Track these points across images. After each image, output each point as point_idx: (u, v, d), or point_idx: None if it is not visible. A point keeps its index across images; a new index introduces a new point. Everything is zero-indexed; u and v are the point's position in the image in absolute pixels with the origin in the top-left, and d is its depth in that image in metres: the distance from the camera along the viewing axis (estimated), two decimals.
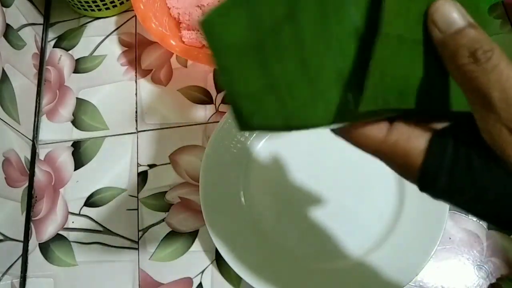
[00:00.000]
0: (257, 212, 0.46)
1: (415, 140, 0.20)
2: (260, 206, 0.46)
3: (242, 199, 0.46)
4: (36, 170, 0.52)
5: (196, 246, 0.47)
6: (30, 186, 0.50)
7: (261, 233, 0.45)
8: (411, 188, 0.42)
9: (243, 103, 0.19)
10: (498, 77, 0.17)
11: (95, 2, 0.56)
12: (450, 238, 0.44)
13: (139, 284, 0.46)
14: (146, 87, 0.55)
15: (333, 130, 0.22)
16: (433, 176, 0.19)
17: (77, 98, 0.55)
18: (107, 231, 0.48)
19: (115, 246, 0.48)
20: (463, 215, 0.45)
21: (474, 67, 0.17)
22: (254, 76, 0.18)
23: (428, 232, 0.42)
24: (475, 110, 0.18)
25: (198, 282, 0.45)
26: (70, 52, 0.58)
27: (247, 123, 0.19)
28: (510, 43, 0.52)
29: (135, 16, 0.58)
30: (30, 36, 0.55)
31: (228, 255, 0.42)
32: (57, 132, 0.53)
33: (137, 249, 0.47)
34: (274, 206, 0.46)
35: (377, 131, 0.20)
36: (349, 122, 0.21)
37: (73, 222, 0.49)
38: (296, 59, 0.19)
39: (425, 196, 0.21)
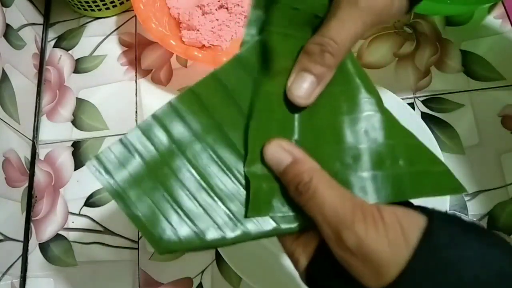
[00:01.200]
0: None
1: (306, 254, 0.21)
2: None
3: None
4: (36, 170, 0.52)
5: None
6: (30, 186, 0.50)
7: None
8: None
9: (146, 228, 0.22)
10: (317, 202, 0.19)
11: (95, 2, 0.56)
12: None
13: (139, 284, 0.46)
14: (146, 87, 0.55)
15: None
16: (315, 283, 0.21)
17: (77, 98, 0.55)
18: (107, 231, 0.48)
19: (115, 246, 0.48)
20: (463, 215, 0.45)
21: (300, 198, 0.20)
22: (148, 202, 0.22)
23: None
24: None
25: (198, 282, 0.45)
26: (70, 52, 0.58)
27: (158, 243, 0.21)
28: (510, 43, 0.52)
29: (135, 16, 0.58)
30: (30, 36, 0.55)
31: (228, 255, 0.42)
32: (57, 132, 0.53)
33: (137, 249, 0.47)
34: None
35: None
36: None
37: (73, 222, 0.49)
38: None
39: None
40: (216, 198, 0.22)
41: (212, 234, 0.21)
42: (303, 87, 0.21)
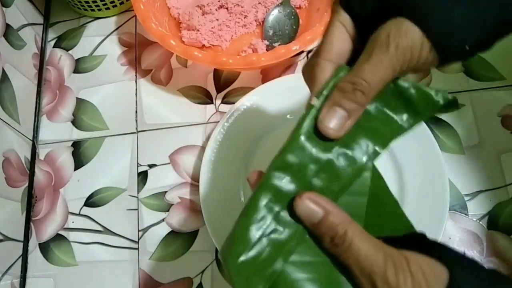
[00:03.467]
0: None
1: None
2: None
3: (242, 199, 0.46)
4: (36, 170, 0.52)
5: (196, 246, 0.47)
6: (30, 186, 0.50)
7: None
8: (411, 188, 0.42)
9: None
10: (353, 253, 0.21)
11: (95, 2, 0.56)
12: (450, 238, 0.44)
13: (139, 284, 0.46)
14: (146, 87, 0.55)
15: None
16: None
17: (77, 98, 0.55)
18: (107, 231, 0.48)
19: (115, 246, 0.48)
20: (463, 215, 0.45)
21: (335, 249, 0.21)
22: None
23: (428, 232, 0.41)
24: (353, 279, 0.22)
25: (198, 282, 0.45)
26: (70, 52, 0.58)
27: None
28: (510, 43, 0.52)
29: (135, 16, 0.58)
30: (30, 36, 0.55)
31: None
32: (57, 132, 0.53)
33: (137, 249, 0.47)
34: None
35: None
36: None
37: (73, 222, 0.49)
38: None
39: (425, 196, 0.21)
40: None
41: None
42: (335, 119, 0.22)
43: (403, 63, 0.22)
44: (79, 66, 0.57)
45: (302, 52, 0.54)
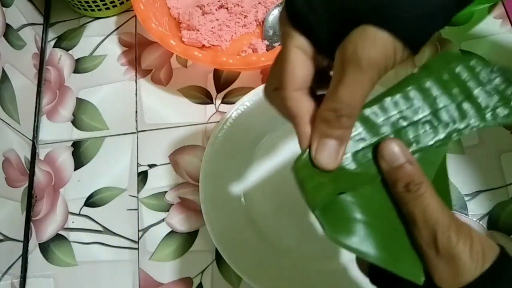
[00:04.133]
0: (257, 212, 0.46)
1: None
2: (260, 206, 0.46)
3: (242, 199, 0.46)
4: (36, 170, 0.52)
5: (196, 246, 0.47)
6: (30, 186, 0.50)
7: (261, 233, 0.45)
8: None
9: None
10: (422, 203, 0.22)
11: (95, 2, 0.56)
12: None
13: (139, 284, 0.46)
14: (146, 87, 0.55)
15: None
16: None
17: (77, 98, 0.55)
18: (107, 231, 0.48)
19: (115, 246, 0.48)
20: (463, 215, 0.45)
21: (406, 195, 0.22)
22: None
23: None
24: (411, 229, 0.23)
25: (198, 282, 0.45)
26: (70, 52, 0.58)
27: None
28: (510, 43, 0.52)
29: (135, 16, 0.58)
30: (30, 36, 0.55)
31: (228, 255, 0.42)
32: (57, 132, 0.53)
33: (137, 249, 0.47)
34: (274, 206, 0.46)
35: None
36: None
37: (73, 222, 0.49)
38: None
39: None
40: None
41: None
42: (328, 154, 0.23)
43: (379, 72, 0.21)
44: (79, 66, 0.57)
45: None
